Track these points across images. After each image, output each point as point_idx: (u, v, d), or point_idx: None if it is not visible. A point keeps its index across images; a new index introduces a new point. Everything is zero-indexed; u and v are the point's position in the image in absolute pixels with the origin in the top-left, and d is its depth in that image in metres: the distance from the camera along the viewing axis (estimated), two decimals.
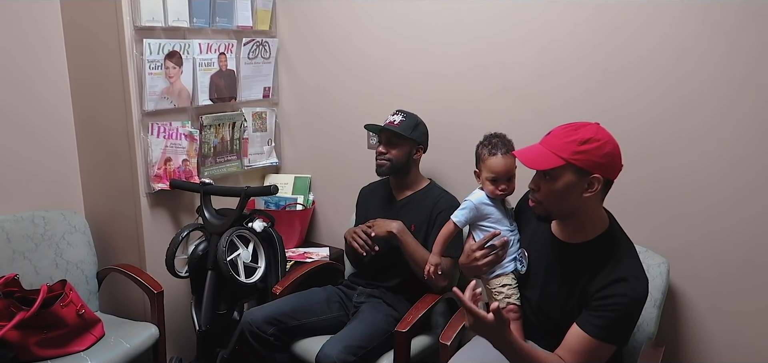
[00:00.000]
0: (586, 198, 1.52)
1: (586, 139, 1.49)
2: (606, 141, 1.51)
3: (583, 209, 1.56)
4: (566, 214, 1.61)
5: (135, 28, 2.33)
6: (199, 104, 2.59)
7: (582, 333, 1.54)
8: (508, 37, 2.23)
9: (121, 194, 2.54)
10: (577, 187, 1.51)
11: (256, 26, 2.78)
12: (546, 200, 1.57)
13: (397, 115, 2.29)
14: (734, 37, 1.80)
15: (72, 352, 2.11)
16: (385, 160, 2.28)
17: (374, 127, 2.34)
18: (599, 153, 1.49)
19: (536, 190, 1.59)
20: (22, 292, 2.17)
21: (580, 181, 1.50)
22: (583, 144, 1.49)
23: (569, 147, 1.50)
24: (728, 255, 1.92)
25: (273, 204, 2.91)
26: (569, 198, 1.53)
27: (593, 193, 1.51)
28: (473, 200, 1.88)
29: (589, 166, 1.49)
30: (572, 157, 1.49)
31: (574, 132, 1.51)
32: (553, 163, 1.51)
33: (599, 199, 1.57)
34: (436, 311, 2.28)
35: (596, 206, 1.59)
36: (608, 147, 1.51)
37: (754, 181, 1.84)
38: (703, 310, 2.00)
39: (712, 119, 1.87)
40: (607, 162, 1.50)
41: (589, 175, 1.50)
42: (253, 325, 2.16)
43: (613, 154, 1.52)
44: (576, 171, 1.50)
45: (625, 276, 1.52)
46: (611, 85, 2.04)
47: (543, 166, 1.54)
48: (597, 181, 1.50)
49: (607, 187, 1.56)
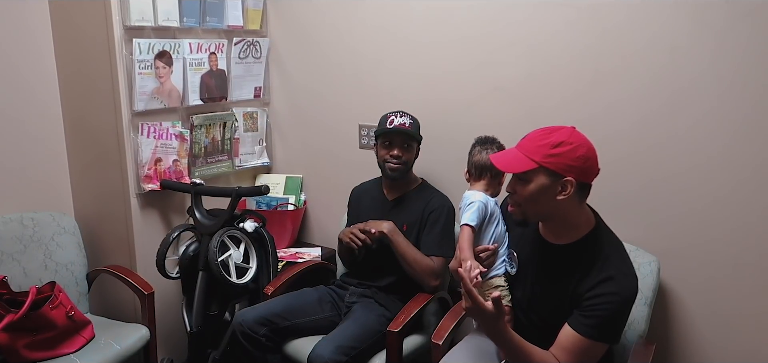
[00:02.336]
0: (560, 201, 1.53)
1: (558, 142, 1.51)
2: (579, 144, 1.52)
3: (560, 212, 1.58)
4: (542, 217, 1.63)
5: (124, 27, 2.32)
6: (189, 104, 2.58)
7: (573, 333, 1.55)
8: (499, 37, 2.24)
9: (111, 195, 2.52)
10: (549, 190, 1.53)
11: (247, 26, 2.77)
12: (521, 203, 1.60)
13: (404, 116, 2.27)
14: (723, 37, 1.81)
15: (62, 354, 2.09)
16: (402, 164, 2.27)
17: (387, 130, 2.24)
18: (571, 156, 1.50)
19: (513, 194, 1.62)
20: (11, 294, 2.15)
21: (553, 183, 1.52)
22: (556, 147, 1.51)
23: (542, 150, 1.52)
24: (718, 254, 1.94)
25: (264, 204, 2.90)
26: (542, 200, 1.55)
27: (566, 196, 1.52)
28: (480, 199, 1.83)
29: (561, 169, 1.51)
30: (544, 160, 1.51)
31: (548, 136, 1.54)
32: (525, 166, 1.54)
33: (576, 202, 1.57)
34: (428, 311, 2.29)
35: (575, 208, 1.59)
36: (581, 150, 1.52)
37: (744, 181, 1.86)
38: (694, 308, 2.02)
39: (702, 119, 1.89)
40: (580, 164, 1.51)
41: (561, 178, 1.51)
42: (245, 326, 2.16)
43: (586, 157, 1.52)
44: (548, 174, 1.52)
45: (614, 275, 1.53)
46: (602, 85, 2.05)
47: (516, 169, 1.56)
48: (570, 184, 1.51)
49: (583, 190, 1.57)
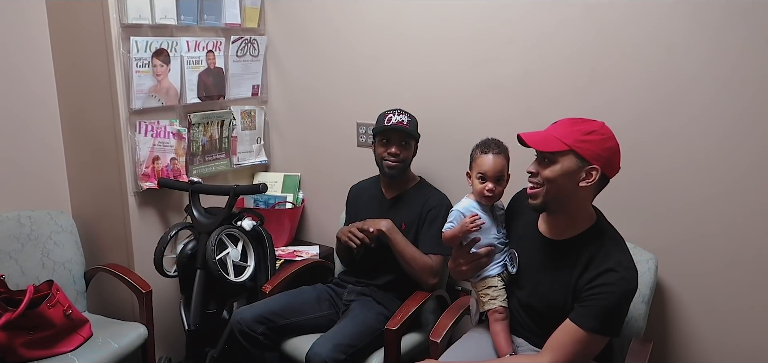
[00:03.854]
0: (581, 188, 1.55)
1: (591, 130, 1.55)
2: (609, 136, 1.57)
3: (575, 200, 1.59)
4: (559, 203, 1.62)
5: (122, 25, 2.31)
6: (187, 102, 2.57)
7: (573, 326, 1.55)
8: (496, 35, 2.24)
9: (109, 193, 2.51)
10: (575, 175, 1.55)
11: (245, 24, 2.77)
12: (544, 183, 1.59)
13: (402, 114, 2.26)
14: (720, 35, 1.82)
15: (59, 352, 2.09)
16: (399, 162, 2.26)
17: (385, 128, 2.23)
18: (602, 145, 1.54)
19: (535, 175, 1.62)
20: (8, 292, 2.15)
21: (579, 168, 1.54)
22: (588, 134, 1.55)
23: (574, 135, 1.55)
24: (715, 251, 1.94)
25: (262, 202, 2.90)
26: (565, 184, 1.56)
27: (590, 184, 1.54)
28: (459, 209, 1.86)
29: (590, 156, 1.54)
30: (576, 144, 1.54)
31: (581, 123, 1.58)
32: (557, 146, 1.56)
33: (592, 194, 1.60)
34: (426, 309, 2.29)
35: (587, 201, 1.62)
36: (610, 143, 1.56)
37: (741, 178, 1.86)
38: (691, 306, 2.02)
39: (699, 116, 1.89)
40: (607, 156, 1.55)
41: (588, 164, 1.54)
42: (243, 324, 2.15)
43: (613, 150, 1.57)
44: (577, 158, 1.54)
45: (614, 266, 1.54)
46: (598, 83, 2.05)
47: (549, 148, 1.57)
48: (595, 171, 1.54)
49: (602, 182, 1.59)
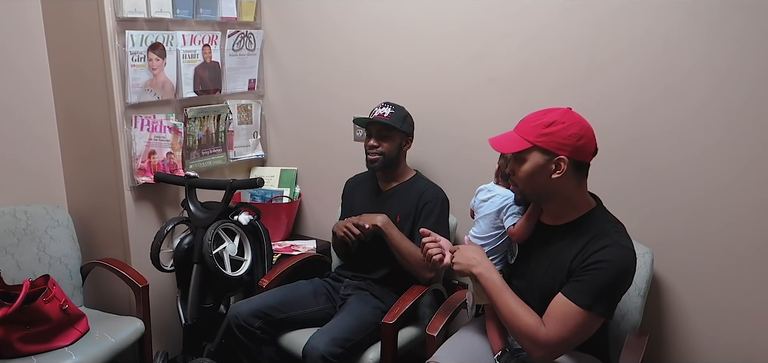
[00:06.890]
0: (556, 179, 1.56)
1: (551, 121, 1.56)
2: (571, 123, 1.55)
3: (558, 191, 1.60)
4: (540, 196, 1.65)
5: (117, 19, 2.30)
6: (183, 97, 2.57)
7: (565, 300, 1.55)
8: (493, 28, 2.23)
9: (105, 188, 2.51)
10: (544, 169, 1.56)
11: (241, 18, 2.76)
12: (519, 183, 1.64)
13: (386, 107, 2.27)
14: (717, 29, 1.81)
15: (56, 347, 2.09)
16: (378, 155, 2.26)
17: (363, 120, 2.31)
18: (563, 134, 1.54)
19: (512, 174, 1.66)
20: (5, 287, 2.15)
21: (547, 162, 1.56)
22: (548, 126, 1.55)
23: (536, 130, 1.57)
24: (712, 246, 1.94)
25: (259, 197, 2.90)
26: (538, 179, 1.58)
27: (561, 174, 1.55)
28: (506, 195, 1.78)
29: (554, 147, 1.54)
30: (537, 139, 1.56)
31: (542, 117, 1.58)
32: (520, 146, 1.58)
33: (574, 182, 1.59)
34: (422, 303, 2.29)
35: (573, 188, 1.61)
36: (573, 129, 1.54)
37: (738, 173, 1.86)
38: (687, 300, 2.03)
39: (697, 111, 1.89)
40: (572, 143, 1.54)
41: (555, 156, 1.55)
42: (240, 319, 2.16)
43: (578, 135, 1.55)
44: (542, 152, 1.56)
45: (610, 244, 1.55)
46: (596, 77, 2.05)
47: (511, 149, 1.62)
48: (563, 162, 1.54)
49: (579, 169, 1.59)
